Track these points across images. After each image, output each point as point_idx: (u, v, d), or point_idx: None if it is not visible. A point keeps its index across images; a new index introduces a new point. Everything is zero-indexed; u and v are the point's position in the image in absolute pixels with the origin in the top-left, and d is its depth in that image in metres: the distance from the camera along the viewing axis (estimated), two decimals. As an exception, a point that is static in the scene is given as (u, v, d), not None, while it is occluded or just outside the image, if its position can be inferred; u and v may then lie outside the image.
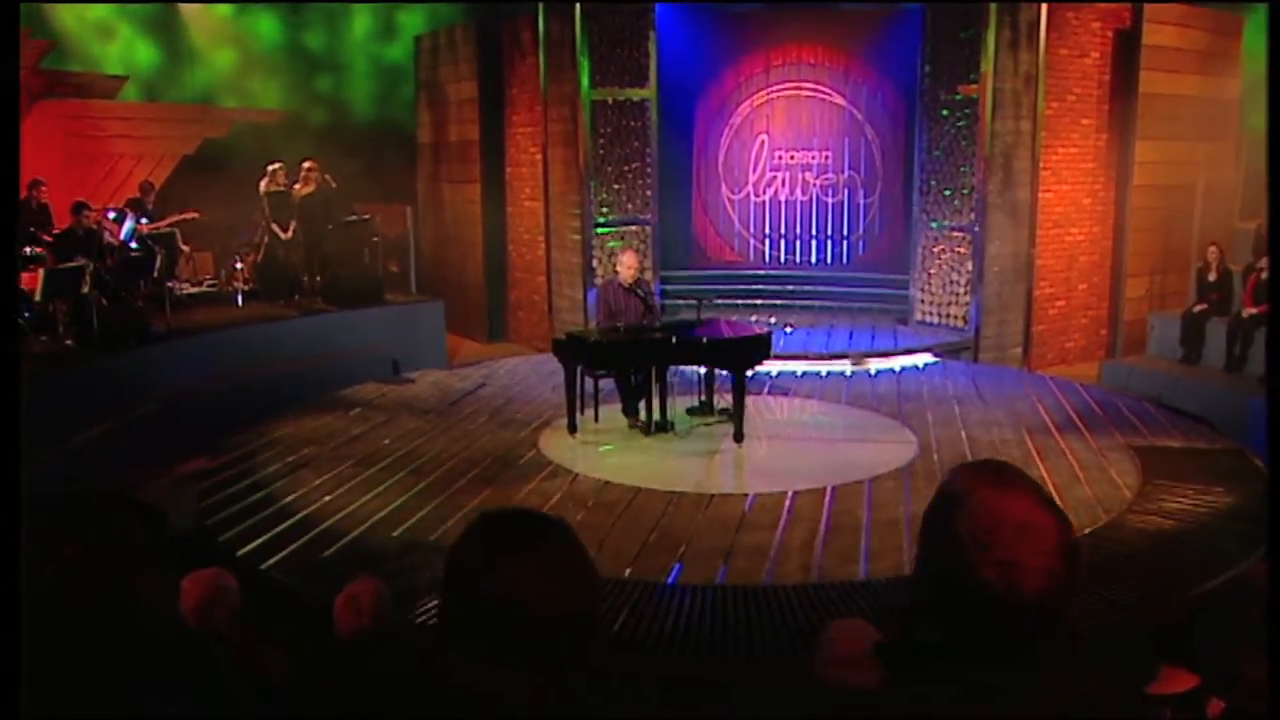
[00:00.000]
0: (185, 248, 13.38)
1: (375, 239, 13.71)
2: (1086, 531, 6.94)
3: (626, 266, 9.20)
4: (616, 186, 12.96)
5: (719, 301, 11.46)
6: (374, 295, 13.10)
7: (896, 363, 11.73)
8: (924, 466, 8.16)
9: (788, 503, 7.28)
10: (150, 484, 7.84)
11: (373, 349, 12.05)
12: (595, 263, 12.91)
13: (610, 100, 12.81)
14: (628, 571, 6.17)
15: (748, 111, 14.61)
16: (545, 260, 13.64)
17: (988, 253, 12.25)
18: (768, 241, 14.82)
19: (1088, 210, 12.89)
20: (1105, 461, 8.44)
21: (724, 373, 9.16)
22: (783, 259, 14.77)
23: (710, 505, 7.24)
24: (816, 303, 13.82)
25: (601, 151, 12.82)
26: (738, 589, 5.96)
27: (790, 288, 14.14)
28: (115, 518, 1.62)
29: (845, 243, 14.64)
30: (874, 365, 11.57)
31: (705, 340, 8.80)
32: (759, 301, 13.76)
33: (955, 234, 12.51)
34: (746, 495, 7.41)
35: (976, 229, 12.26)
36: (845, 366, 11.51)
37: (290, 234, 12.93)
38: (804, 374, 11.17)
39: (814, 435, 9.22)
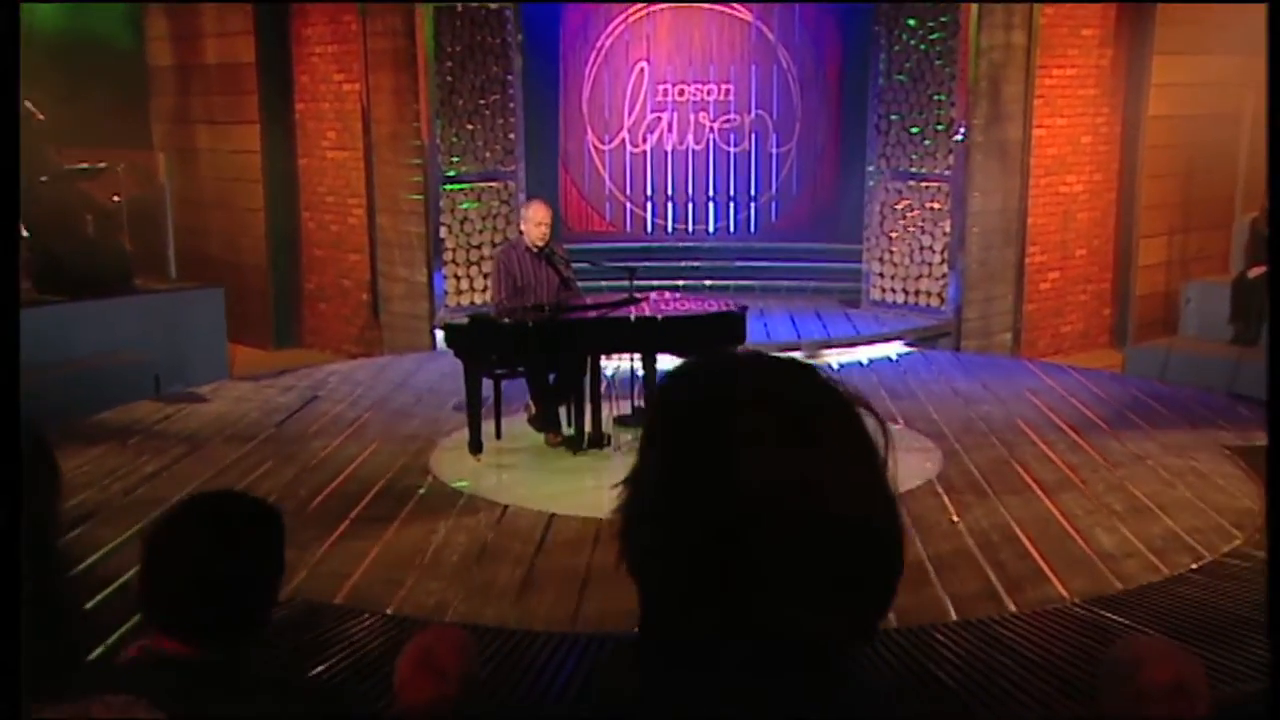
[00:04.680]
0: None
1: (116, 198, 12.83)
2: (1225, 551, 6.97)
3: (536, 224, 8.99)
4: (470, 127, 12.58)
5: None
6: (118, 281, 12.19)
7: (862, 354, 11.85)
8: (961, 478, 8.36)
9: None
10: None
11: (123, 357, 11.33)
12: (444, 231, 12.49)
13: (459, 7, 12.37)
14: (635, 629, 5.67)
15: (620, 30, 14.26)
16: (366, 230, 13.17)
17: (969, 208, 12.20)
18: (650, 206, 14.59)
19: (1087, 151, 13.01)
20: (1199, 465, 8.56)
21: (665, 369, 8.93)
22: (670, 228, 14.55)
23: None
24: (730, 283, 13.60)
25: (449, 79, 12.40)
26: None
27: (684, 264, 13.86)
28: None
29: (753, 205, 14.43)
30: (833, 358, 11.67)
31: (661, 320, 8.64)
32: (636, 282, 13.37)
33: (927, 185, 12.39)
34: None
35: (956, 177, 12.19)
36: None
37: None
38: None
39: None
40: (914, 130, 12.46)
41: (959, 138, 12.16)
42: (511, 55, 12.68)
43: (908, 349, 12.04)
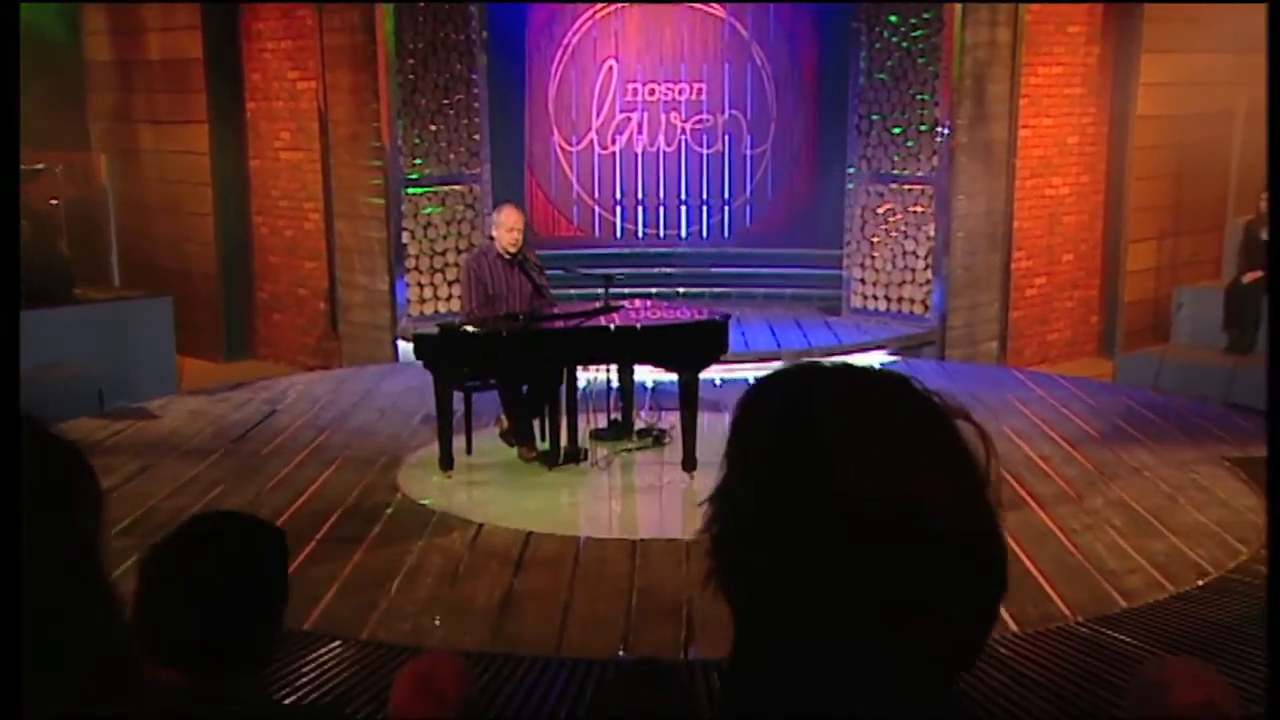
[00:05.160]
0: None
1: (54, 201, 12.84)
2: (1231, 567, 7.04)
3: (508, 229, 9.00)
4: (434, 127, 12.53)
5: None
6: (57, 290, 12.15)
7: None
8: None
9: None
10: None
11: (65, 371, 11.29)
12: (406, 237, 12.44)
13: (422, 3, 12.35)
14: (620, 650, 6.15)
15: (588, 27, 14.26)
16: (323, 236, 13.09)
17: (954, 212, 12.27)
18: (619, 210, 14.57)
19: (1074, 152, 13.09)
20: (1200, 478, 8.65)
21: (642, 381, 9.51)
22: (640, 233, 14.55)
23: (691, 556, 7.22)
24: (705, 290, 13.59)
25: (411, 77, 12.35)
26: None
27: (656, 271, 13.84)
28: None
29: (727, 209, 14.48)
30: None
31: (641, 329, 8.70)
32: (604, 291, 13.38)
33: (910, 187, 12.47)
34: None
35: (940, 179, 12.27)
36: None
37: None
38: (724, 382, 10.95)
39: None
40: (896, 131, 12.52)
41: (943, 139, 12.23)
42: (476, 53, 12.64)
43: (891, 358, 12.03)
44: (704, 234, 14.42)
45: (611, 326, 8.54)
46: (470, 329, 8.59)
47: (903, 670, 1.30)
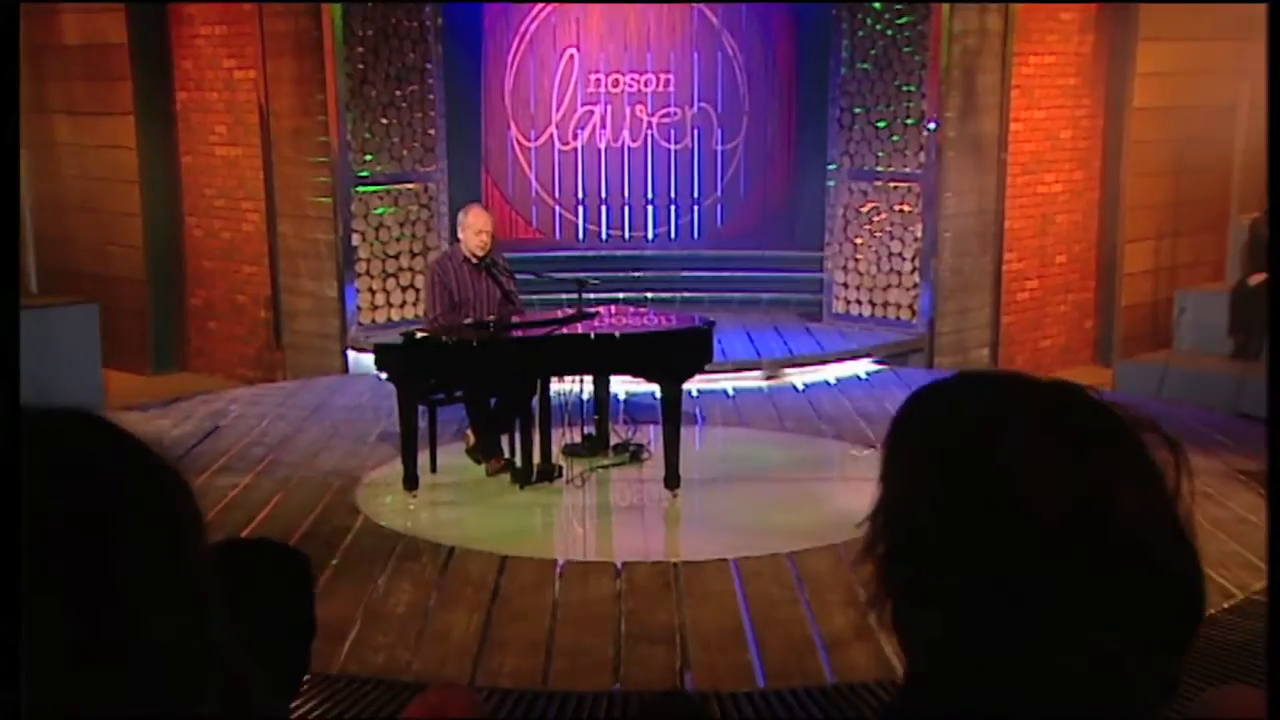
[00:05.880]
0: None
1: None
2: (1257, 589, 7.08)
3: (476, 231, 9.09)
4: (385, 121, 12.52)
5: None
6: None
7: (829, 373, 11.97)
8: None
9: (791, 569, 7.51)
10: None
11: None
12: (356, 239, 12.42)
13: None
14: (616, 685, 6.18)
15: (546, 13, 14.28)
16: (264, 238, 13.02)
17: (942, 210, 12.34)
18: (581, 210, 14.59)
19: (1067, 147, 13.18)
20: (1214, 493, 8.70)
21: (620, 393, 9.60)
22: (604, 235, 14.57)
23: (681, 579, 7.37)
24: (675, 295, 13.61)
25: (361, 66, 12.33)
26: (795, 694, 6.02)
27: (621, 275, 13.81)
28: None
29: (697, 209, 14.52)
30: (797, 377, 11.85)
31: (620, 337, 8.70)
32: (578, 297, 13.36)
33: (895, 185, 12.53)
34: (726, 561, 7.58)
35: (927, 176, 12.34)
36: (757, 380, 11.77)
37: None
38: (701, 393, 11.10)
39: (777, 476, 9.51)
40: (880, 124, 12.59)
41: (929, 133, 12.31)
42: (431, 41, 12.63)
43: (877, 367, 12.15)
44: (672, 235, 14.44)
45: (591, 335, 8.55)
46: (441, 338, 8.58)
47: (1103, 699, 1.29)
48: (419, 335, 8.73)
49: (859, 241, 12.85)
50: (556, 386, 9.50)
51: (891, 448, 1.42)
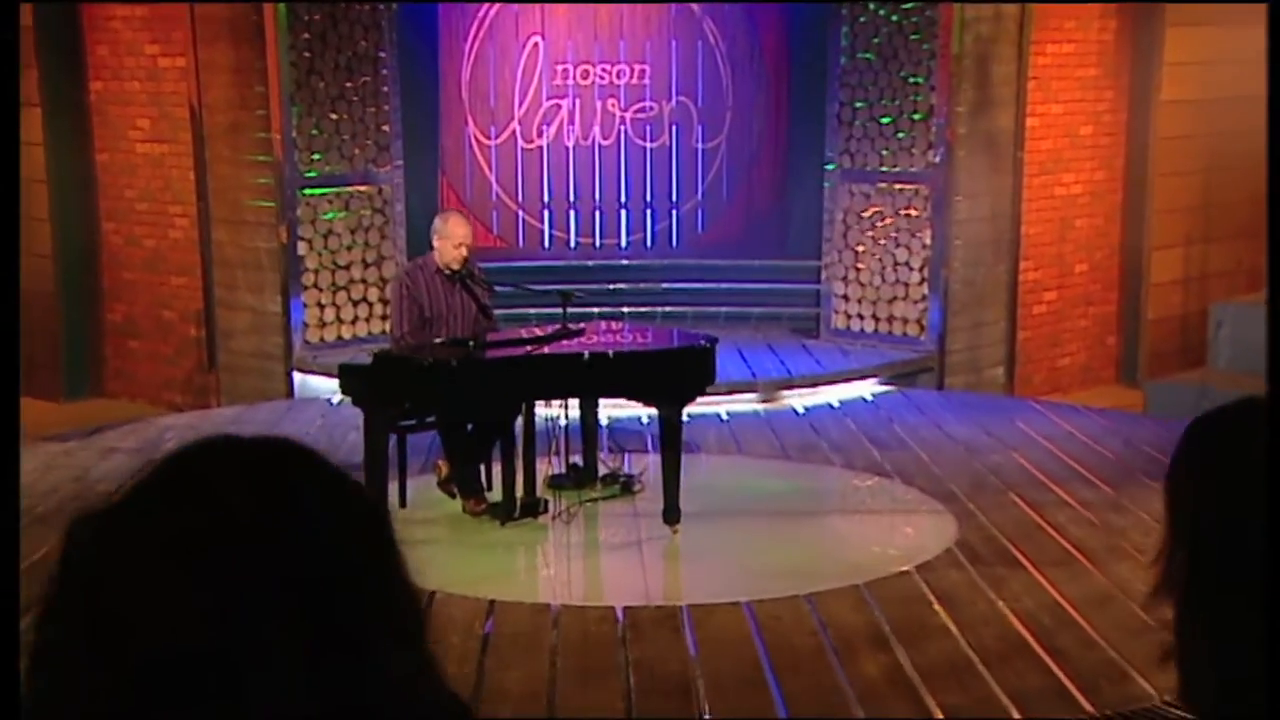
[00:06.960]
0: None
1: None
2: None
3: (455, 243, 9.09)
4: (335, 116, 12.56)
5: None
6: None
7: (831, 394, 12.03)
8: (984, 545, 8.55)
9: (812, 613, 7.50)
10: None
11: None
12: (302, 247, 12.40)
13: None
14: None
15: (508, -2, 14.20)
16: (196, 247, 13.02)
17: (953, 215, 12.35)
18: (547, 215, 14.63)
19: (1088, 144, 13.28)
20: None
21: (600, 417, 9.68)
22: (573, 242, 14.64)
23: (688, 624, 7.39)
24: (654, 310, 13.71)
25: (307, 55, 12.34)
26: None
27: (594, 287, 13.72)
28: None
29: (675, 213, 14.59)
30: (796, 400, 11.91)
31: (614, 356, 8.78)
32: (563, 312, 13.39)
33: (901, 187, 12.55)
34: (739, 604, 7.62)
35: (936, 177, 12.40)
36: (753, 403, 11.86)
37: None
38: (692, 418, 11.02)
39: (784, 509, 9.56)
40: (885, 120, 12.64)
41: (940, 129, 12.35)
42: (384, 26, 12.69)
43: (883, 388, 12.19)
44: (648, 243, 14.53)
45: (585, 354, 8.56)
46: (419, 358, 8.57)
47: None
48: (393, 354, 8.73)
49: (860, 250, 12.90)
50: (540, 412, 9.57)
51: (1180, 478, 1.51)
